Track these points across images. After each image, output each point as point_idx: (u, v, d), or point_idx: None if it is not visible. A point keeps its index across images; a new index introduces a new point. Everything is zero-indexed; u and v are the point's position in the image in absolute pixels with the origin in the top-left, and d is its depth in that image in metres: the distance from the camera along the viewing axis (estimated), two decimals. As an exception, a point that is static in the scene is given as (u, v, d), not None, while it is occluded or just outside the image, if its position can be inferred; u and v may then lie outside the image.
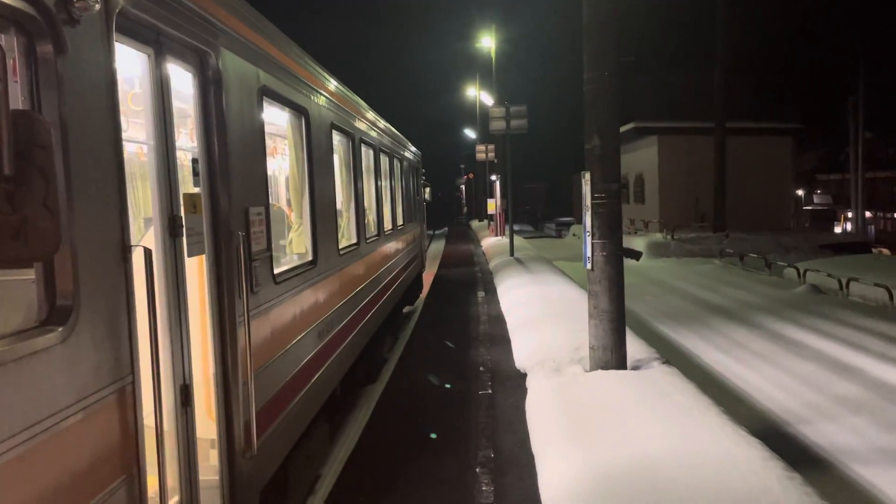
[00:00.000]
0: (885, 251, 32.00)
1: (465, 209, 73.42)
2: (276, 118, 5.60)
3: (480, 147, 35.22)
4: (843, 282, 15.36)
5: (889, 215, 45.80)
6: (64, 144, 2.22)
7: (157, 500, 2.72)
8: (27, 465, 2.02)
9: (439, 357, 9.41)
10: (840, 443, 6.56)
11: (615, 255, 6.60)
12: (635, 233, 29.31)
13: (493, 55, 31.61)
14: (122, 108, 2.68)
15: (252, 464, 3.72)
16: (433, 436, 6.08)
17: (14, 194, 1.80)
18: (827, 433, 6.81)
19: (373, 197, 9.31)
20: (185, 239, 3.18)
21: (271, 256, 4.29)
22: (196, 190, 3.53)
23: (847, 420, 7.15)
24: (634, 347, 7.36)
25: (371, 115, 9.06)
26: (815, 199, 51.10)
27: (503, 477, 5.29)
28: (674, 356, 9.58)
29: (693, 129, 29.46)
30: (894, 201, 44.62)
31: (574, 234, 37.98)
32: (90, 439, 2.34)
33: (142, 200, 4.55)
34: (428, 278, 18.20)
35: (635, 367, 6.76)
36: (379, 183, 9.71)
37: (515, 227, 23.56)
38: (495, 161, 34.41)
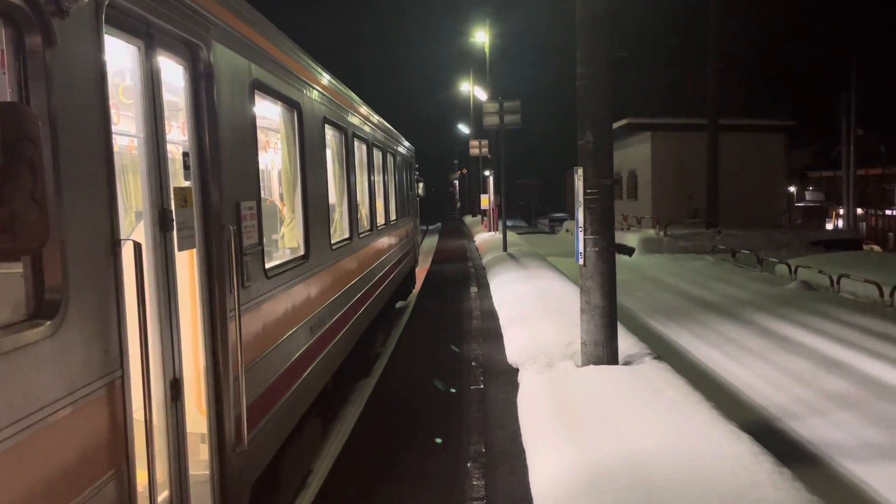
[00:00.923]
0: (877, 248, 32.21)
1: (459, 204, 73.36)
2: (268, 112, 5.57)
3: (474, 142, 35.16)
4: (834, 278, 15.45)
5: (880, 212, 46.02)
6: (52, 137, 2.20)
7: (147, 494, 2.71)
8: (15, 459, 2.01)
9: (432, 352, 9.42)
10: (830, 438, 6.61)
11: (607, 250, 6.61)
12: (628, 229, 29.38)
13: (486, 50, 31.59)
14: (112, 101, 2.66)
15: (243, 458, 3.72)
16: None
17: (2, 187, 1.79)
18: (817, 428, 6.85)
19: (366, 192, 9.30)
20: (175, 233, 3.17)
21: (263, 251, 4.27)
22: (187, 184, 3.51)
23: (837, 415, 7.20)
24: (626, 343, 7.38)
25: (364, 109, 9.04)
26: (807, 196, 51.22)
27: (494, 471, 5.31)
28: (665, 352, 9.60)
29: (686, 126, 29.51)
30: (885, 198, 44.83)
31: (567, 230, 38.04)
32: (79, 434, 2.33)
33: (133, 194, 4.53)
34: (421, 273, 18.20)
35: (627, 363, 6.78)
36: (372, 178, 9.69)
37: (509, 223, 23.56)
38: (489, 156, 34.41)
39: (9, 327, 2.07)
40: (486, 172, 35.83)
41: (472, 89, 44.57)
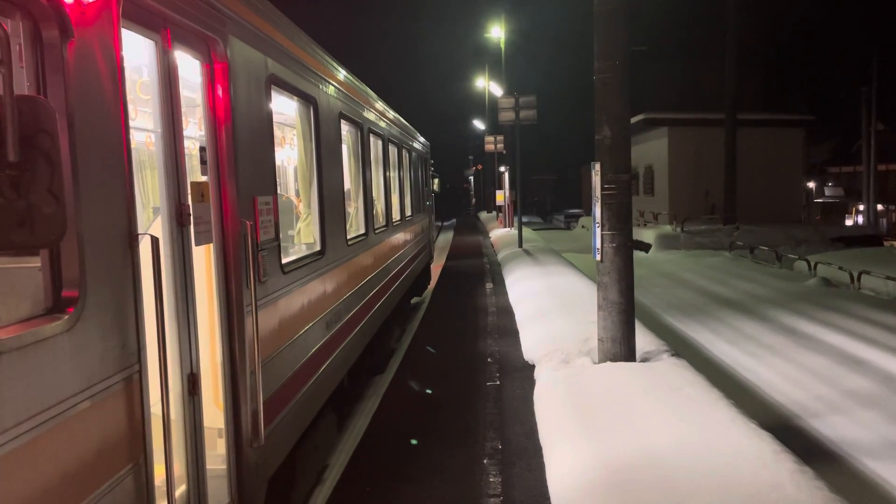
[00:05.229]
0: (897, 244, 31.74)
1: (474, 200, 73.27)
2: (284, 107, 5.57)
3: (489, 138, 35.08)
4: (855, 275, 15.24)
5: (901, 208, 45.34)
6: (70, 131, 2.20)
7: (164, 488, 2.72)
8: (34, 453, 2.01)
9: (447, 348, 9.40)
10: (851, 436, 6.51)
11: (625, 246, 6.55)
12: (645, 225, 29.17)
13: (502, 46, 31.47)
14: (131, 96, 2.65)
15: (259, 453, 3.72)
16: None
17: (19, 180, 1.78)
18: (838, 427, 6.75)
19: (381, 187, 9.29)
20: (192, 227, 3.17)
21: (279, 246, 4.27)
22: (204, 178, 3.51)
23: (858, 414, 7.09)
24: (643, 339, 7.32)
25: (380, 105, 9.03)
26: (827, 192, 50.60)
27: (511, 468, 5.28)
28: (683, 349, 9.52)
29: (704, 121, 29.21)
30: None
31: (583, 226, 37.86)
32: (97, 428, 2.33)
33: (151, 189, 4.55)
34: (436, 270, 18.18)
35: (644, 360, 6.72)
36: (387, 173, 9.68)
37: (524, 219, 23.48)
38: (504, 152, 34.31)
39: (27, 321, 2.07)
40: (502, 168, 35.73)
41: (487, 85, 44.41)
